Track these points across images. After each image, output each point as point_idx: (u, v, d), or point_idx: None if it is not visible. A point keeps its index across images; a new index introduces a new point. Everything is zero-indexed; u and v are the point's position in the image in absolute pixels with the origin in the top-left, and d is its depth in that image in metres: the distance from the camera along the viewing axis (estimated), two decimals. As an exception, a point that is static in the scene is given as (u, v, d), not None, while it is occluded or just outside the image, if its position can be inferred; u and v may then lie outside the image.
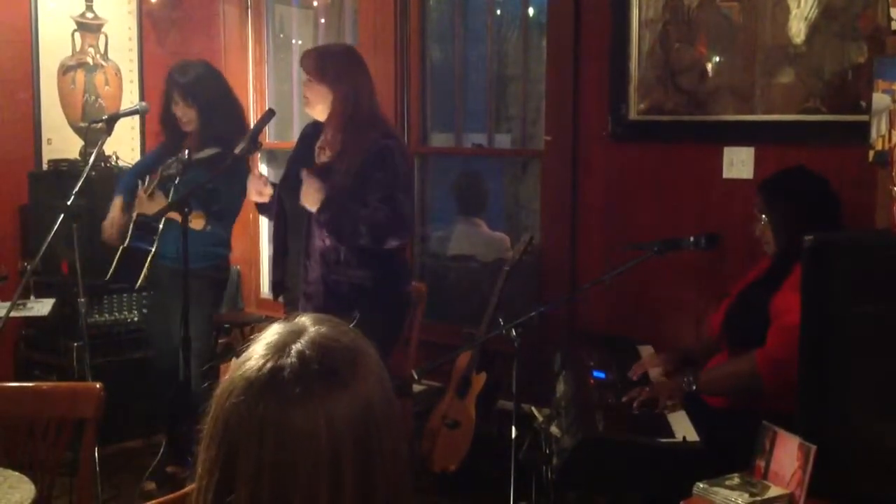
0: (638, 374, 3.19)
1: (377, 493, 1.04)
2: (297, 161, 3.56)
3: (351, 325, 1.13)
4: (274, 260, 3.67)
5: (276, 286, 3.67)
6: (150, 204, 3.90)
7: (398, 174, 3.39)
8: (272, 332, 1.09)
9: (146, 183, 4.00)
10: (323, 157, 3.47)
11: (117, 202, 4.10)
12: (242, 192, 3.79)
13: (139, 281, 4.06)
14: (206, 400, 1.08)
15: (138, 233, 4.00)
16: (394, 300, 3.51)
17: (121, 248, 4.03)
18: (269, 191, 3.51)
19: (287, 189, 3.51)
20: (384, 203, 3.32)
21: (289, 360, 1.04)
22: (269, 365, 1.04)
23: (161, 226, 3.94)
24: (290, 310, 3.51)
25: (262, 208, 3.67)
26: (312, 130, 3.59)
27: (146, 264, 4.01)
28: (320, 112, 3.44)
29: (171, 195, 3.88)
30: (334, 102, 3.38)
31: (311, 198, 3.29)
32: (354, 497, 1.02)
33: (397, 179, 3.38)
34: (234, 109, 4.15)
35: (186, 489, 1.75)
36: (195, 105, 4.02)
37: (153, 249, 3.99)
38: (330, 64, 3.40)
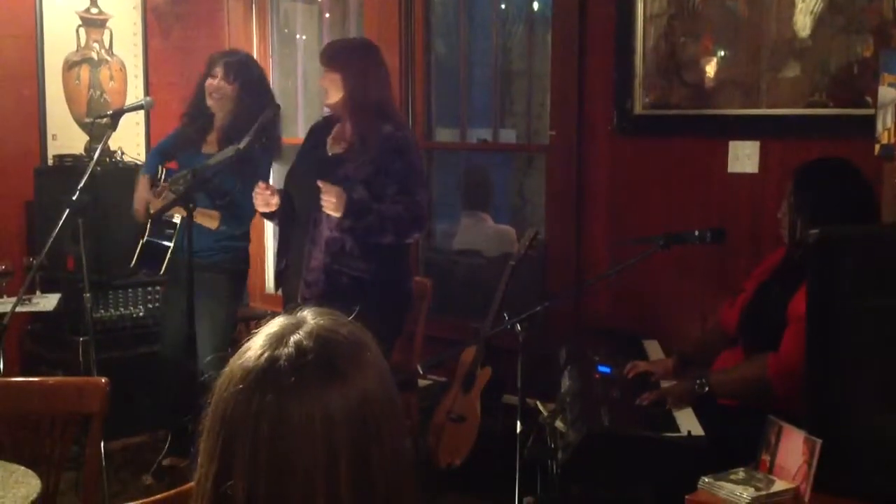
0: (633, 374, 3.16)
1: (376, 489, 1.03)
2: (306, 155, 3.61)
3: (350, 319, 1.12)
4: (278, 251, 3.69)
5: (279, 276, 3.68)
6: (157, 202, 3.89)
7: (414, 166, 3.45)
8: (273, 324, 1.09)
9: (162, 177, 3.99)
10: (337, 148, 3.50)
11: (143, 180, 4.04)
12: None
13: (162, 269, 4.02)
14: (208, 392, 1.08)
15: (154, 228, 3.99)
16: (394, 297, 3.50)
17: (142, 241, 4.01)
18: (275, 200, 3.49)
19: (295, 182, 3.54)
20: (401, 196, 3.36)
21: (286, 350, 1.04)
22: (266, 354, 1.04)
23: (178, 221, 3.93)
24: (289, 301, 3.53)
25: (266, 215, 3.66)
26: (324, 125, 3.63)
27: (166, 256, 3.99)
28: (333, 98, 3.47)
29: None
30: (344, 89, 3.42)
31: (333, 205, 3.27)
32: (352, 491, 1.01)
33: (413, 171, 3.43)
34: (269, 98, 4.04)
35: (184, 487, 1.74)
36: (236, 82, 3.95)
37: (171, 245, 3.97)
38: (341, 53, 3.50)
